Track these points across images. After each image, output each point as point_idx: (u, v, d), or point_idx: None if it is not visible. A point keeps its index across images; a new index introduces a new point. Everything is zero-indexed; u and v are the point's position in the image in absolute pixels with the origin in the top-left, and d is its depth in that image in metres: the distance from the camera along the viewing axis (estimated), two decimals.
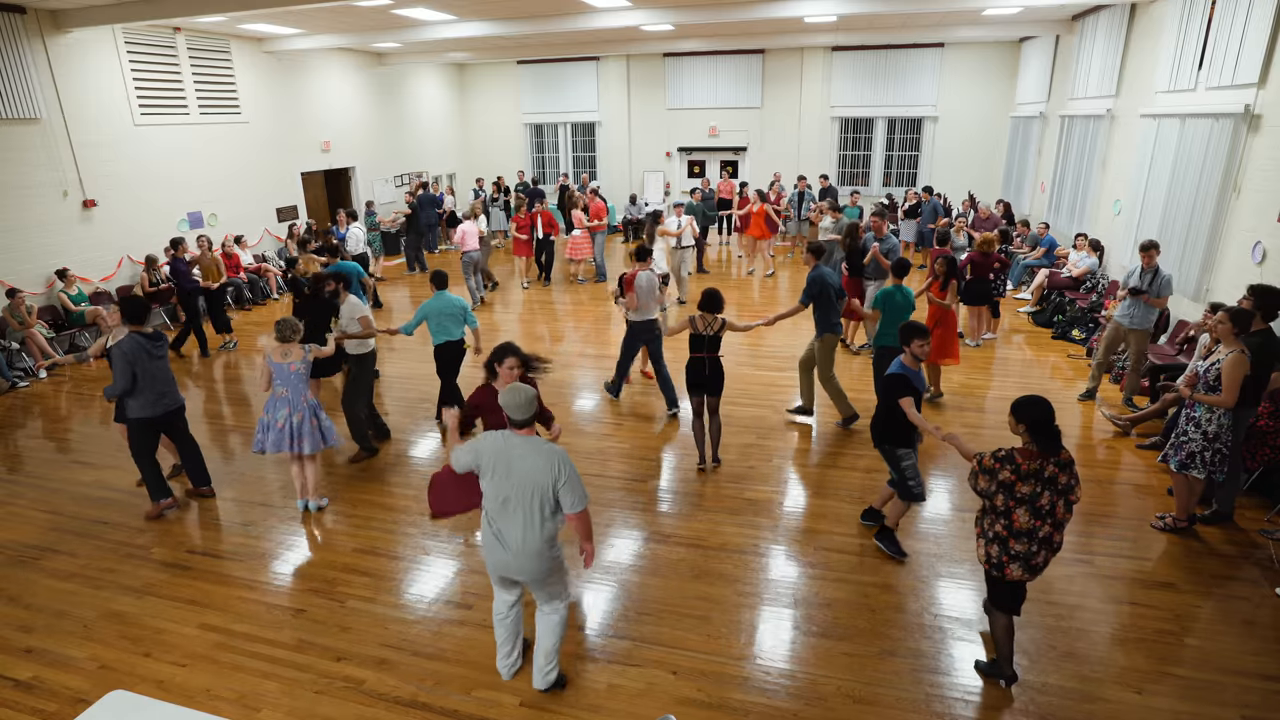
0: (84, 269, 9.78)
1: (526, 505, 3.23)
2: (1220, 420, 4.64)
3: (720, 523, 5.17)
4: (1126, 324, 6.75)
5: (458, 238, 11.29)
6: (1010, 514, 3.32)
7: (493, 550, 3.36)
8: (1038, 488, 3.27)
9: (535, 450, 3.23)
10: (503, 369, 4.12)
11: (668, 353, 7.29)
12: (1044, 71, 13.27)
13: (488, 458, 3.27)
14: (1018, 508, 3.30)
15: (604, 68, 17.86)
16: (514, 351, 4.15)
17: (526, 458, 3.21)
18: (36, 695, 3.72)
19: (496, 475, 3.26)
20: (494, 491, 3.28)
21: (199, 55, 11.40)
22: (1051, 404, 3.28)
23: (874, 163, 17.11)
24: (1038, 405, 3.25)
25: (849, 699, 3.58)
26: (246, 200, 12.54)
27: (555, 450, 3.26)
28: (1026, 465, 3.25)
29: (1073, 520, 5.08)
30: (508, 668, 3.73)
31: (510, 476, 3.23)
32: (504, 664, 3.73)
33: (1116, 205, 9.96)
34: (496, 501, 3.29)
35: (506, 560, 3.33)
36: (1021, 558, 3.34)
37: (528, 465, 3.20)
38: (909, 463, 4.53)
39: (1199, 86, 7.86)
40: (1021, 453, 3.28)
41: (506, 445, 3.26)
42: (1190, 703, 3.52)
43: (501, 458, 3.25)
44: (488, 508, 3.34)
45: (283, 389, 5.17)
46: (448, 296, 6.40)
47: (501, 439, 3.29)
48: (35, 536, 5.22)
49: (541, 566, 3.33)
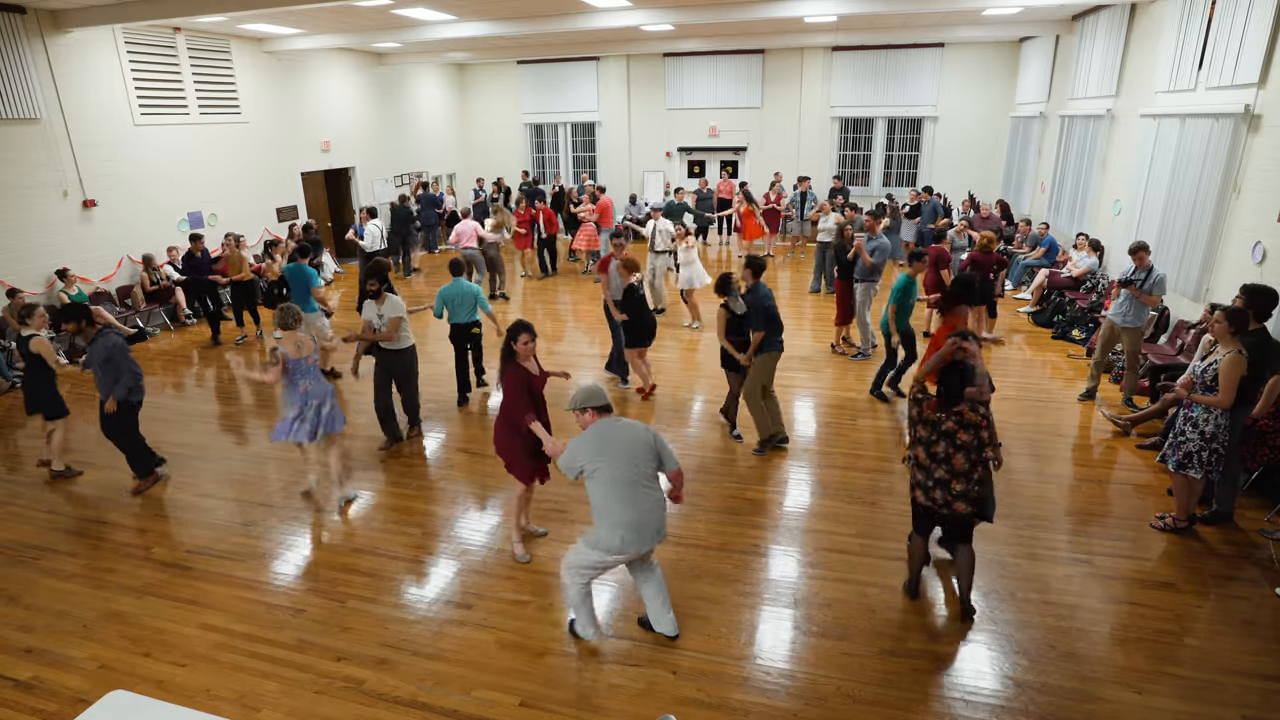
0: (84, 269, 9.77)
1: (647, 475, 3.55)
2: (1218, 420, 4.64)
3: (720, 523, 5.17)
4: (1119, 323, 6.76)
5: (453, 237, 11.30)
6: (915, 446, 3.92)
7: (629, 536, 3.54)
8: (932, 435, 3.82)
9: (622, 423, 3.62)
10: (519, 345, 4.36)
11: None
12: (1044, 71, 13.27)
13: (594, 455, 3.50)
14: (916, 445, 3.92)
15: (604, 68, 17.86)
16: (525, 328, 4.39)
17: (627, 435, 3.55)
18: (36, 695, 3.72)
19: (611, 462, 3.48)
20: (614, 477, 3.48)
21: (199, 55, 11.40)
22: (967, 373, 3.83)
23: (874, 163, 17.11)
24: (953, 371, 3.81)
25: (849, 699, 3.58)
26: (246, 200, 12.54)
27: (639, 424, 3.65)
28: (927, 413, 3.84)
29: (1072, 520, 5.11)
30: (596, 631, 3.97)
31: (627, 456, 3.51)
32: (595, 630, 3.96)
33: (1116, 205, 9.96)
34: (623, 486, 3.49)
35: (645, 539, 3.57)
36: (921, 486, 3.93)
37: (631, 438, 3.54)
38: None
39: (1199, 86, 7.86)
40: (927, 402, 3.86)
41: (608, 433, 3.55)
42: (1190, 703, 3.52)
43: (612, 446, 3.48)
44: (614, 496, 3.50)
45: (305, 382, 5.28)
46: (462, 283, 7.08)
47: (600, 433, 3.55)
48: (35, 536, 5.22)
49: (665, 526, 3.68)
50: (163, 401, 7.86)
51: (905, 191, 15.92)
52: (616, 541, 3.54)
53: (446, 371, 8.50)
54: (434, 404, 7.49)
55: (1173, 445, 4.88)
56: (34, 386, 5.98)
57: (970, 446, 3.75)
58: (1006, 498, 5.41)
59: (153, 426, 7.05)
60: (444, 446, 6.55)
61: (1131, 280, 6.58)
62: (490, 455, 6.27)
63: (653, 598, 3.94)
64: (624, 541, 3.54)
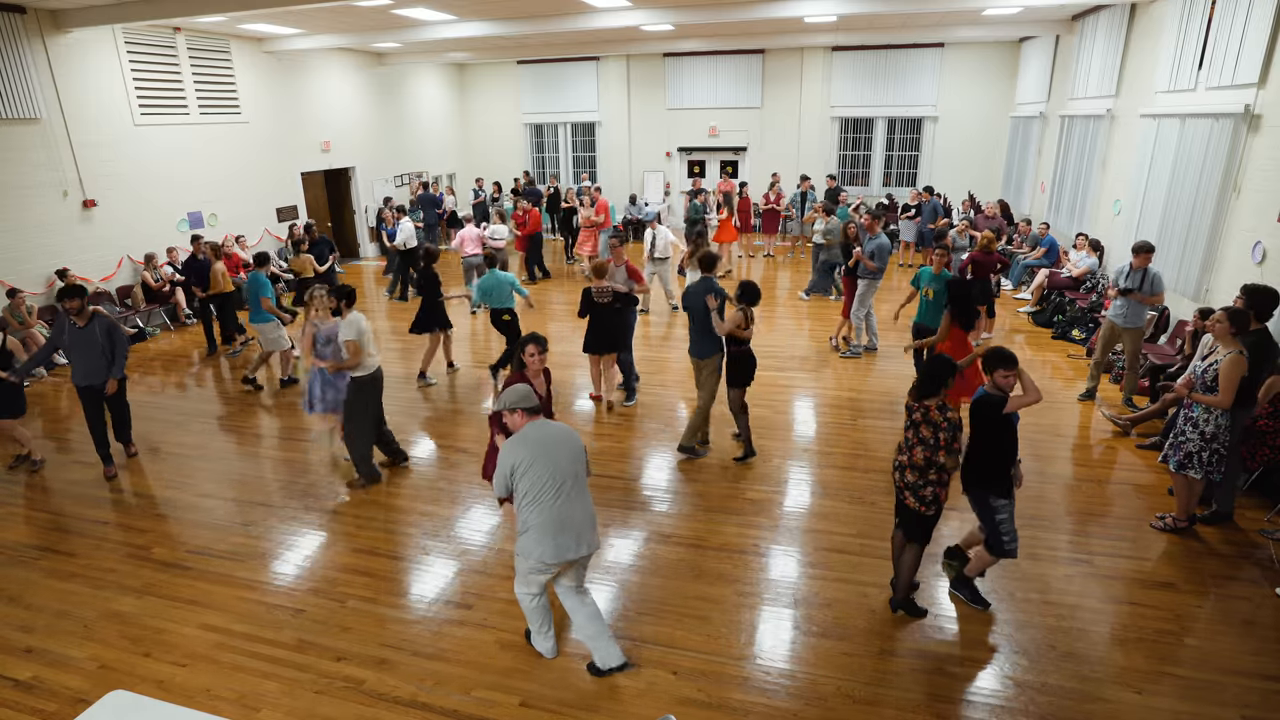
0: (84, 269, 9.77)
1: (574, 479, 3.49)
2: (1218, 420, 4.64)
3: (720, 523, 5.17)
4: (1120, 323, 6.76)
5: (455, 242, 11.28)
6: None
7: (561, 540, 3.47)
8: (906, 421, 3.97)
9: (551, 427, 3.54)
10: (525, 357, 4.35)
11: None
12: (1044, 71, 13.27)
13: (523, 457, 3.41)
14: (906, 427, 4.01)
15: (604, 68, 17.86)
16: (534, 339, 4.39)
17: (555, 438, 3.48)
18: (36, 695, 3.72)
19: (539, 465, 3.40)
20: (544, 480, 3.41)
21: (199, 55, 11.40)
22: (945, 368, 3.80)
23: (874, 163, 17.11)
24: (935, 362, 3.86)
25: (849, 699, 3.58)
26: (246, 200, 12.54)
27: (568, 429, 3.60)
28: (909, 399, 3.94)
29: (1072, 520, 5.12)
30: (553, 646, 3.88)
31: (557, 459, 3.44)
32: (550, 645, 3.87)
33: (1116, 205, 9.96)
34: (552, 490, 3.42)
35: (575, 543, 3.51)
36: (897, 467, 4.04)
37: (558, 441, 3.48)
38: (1005, 515, 3.94)
39: (1199, 86, 7.86)
40: (911, 389, 3.94)
41: (538, 436, 3.45)
42: (1190, 703, 3.52)
43: (540, 448, 3.42)
44: (543, 501, 3.42)
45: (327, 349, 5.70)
46: (498, 274, 7.64)
47: (527, 435, 3.46)
48: (35, 536, 5.22)
49: (597, 533, 3.63)
50: (163, 401, 7.86)
51: (906, 191, 15.92)
52: (549, 547, 3.45)
53: (450, 372, 8.52)
54: (436, 403, 7.49)
55: (1173, 445, 4.88)
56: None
57: (927, 443, 3.79)
58: None
59: (153, 426, 7.08)
60: (444, 446, 6.55)
61: (1132, 290, 6.57)
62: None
63: (588, 629, 3.72)
64: (557, 546, 3.45)
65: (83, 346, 5.76)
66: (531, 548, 3.48)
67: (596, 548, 3.65)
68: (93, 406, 5.94)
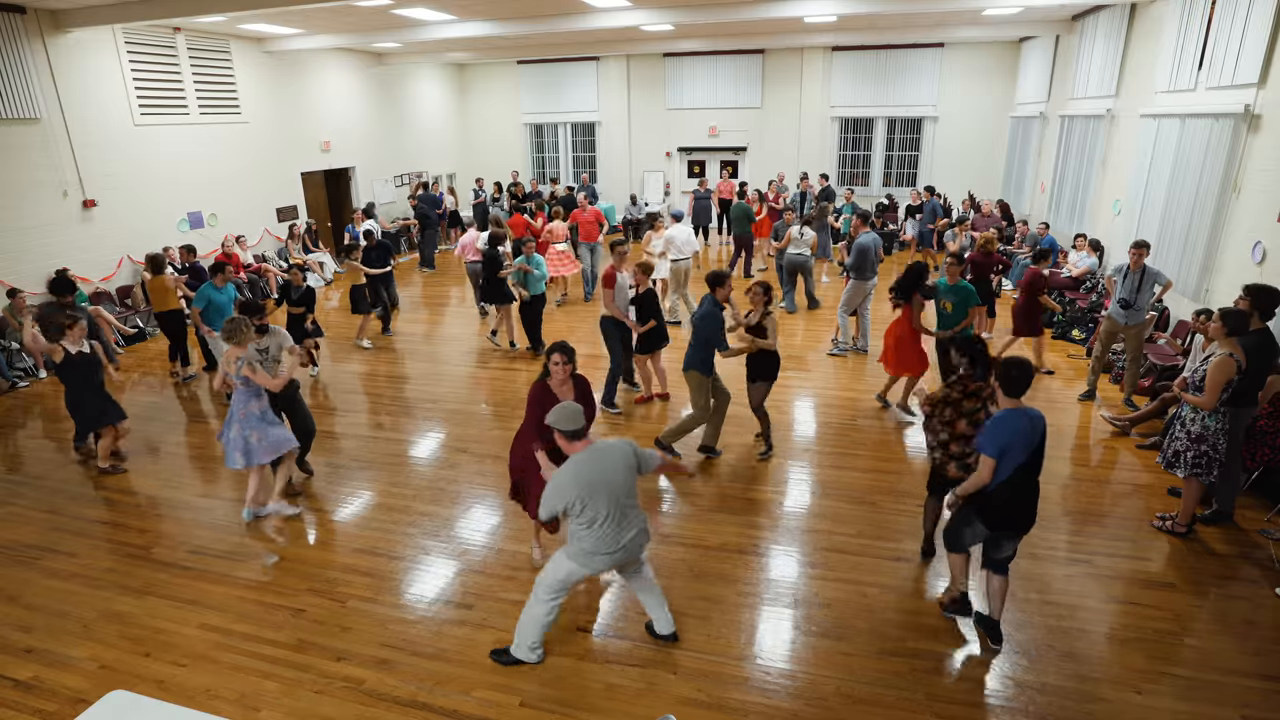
0: (84, 269, 9.77)
1: (624, 501, 3.47)
2: (1205, 422, 4.63)
3: (720, 523, 5.17)
4: (1121, 320, 6.75)
5: (458, 249, 11.19)
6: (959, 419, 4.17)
7: (615, 556, 3.53)
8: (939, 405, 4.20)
9: (604, 454, 3.43)
10: (550, 365, 4.28)
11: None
12: (1044, 71, 13.27)
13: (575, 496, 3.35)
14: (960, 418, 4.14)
15: (604, 68, 17.85)
16: (559, 348, 4.28)
17: (604, 464, 3.40)
18: (36, 695, 3.72)
19: (596, 499, 3.38)
20: (600, 512, 3.40)
21: (199, 55, 11.39)
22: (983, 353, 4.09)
23: (874, 163, 17.11)
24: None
25: (849, 699, 3.58)
26: (246, 200, 12.53)
27: (617, 443, 3.52)
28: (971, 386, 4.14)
29: (1072, 520, 5.12)
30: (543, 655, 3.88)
31: (613, 489, 3.41)
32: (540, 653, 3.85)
33: (1116, 205, 9.96)
34: (607, 520, 3.42)
35: (621, 556, 3.56)
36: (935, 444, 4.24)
37: (608, 468, 3.40)
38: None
39: (1199, 86, 7.86)
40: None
41: (591, 469, 3.38)
42: (1190, 703, 3.52)
43: (594, 481, 3.37)
44: (597, 529, 3.42)
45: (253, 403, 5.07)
46: (537, 258, 8.48)
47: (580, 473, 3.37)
48: (35, 536, 5.22)
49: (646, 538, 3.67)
50: (163, 402, 7.86)
51: (906, 191, 15.92)
52: (603, 563, 3.53)
53: (448, 373, 8.52)
54: (436, 403, 7.50)
55: (1167, 443, 4.90)
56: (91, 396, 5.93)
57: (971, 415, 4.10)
58: None
59: (154, 427, 7.08)
60: (444, 446, 6.55)
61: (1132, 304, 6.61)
62: (490, 455, 6.28)
63: (647, 598, 3.90)
64: (610, 560, 3.53)
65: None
66: (584, 562, 3.53)
67: (649, 542, 3.76)
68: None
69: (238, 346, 4.98)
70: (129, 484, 5.97)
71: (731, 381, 6.22)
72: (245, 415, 5.02)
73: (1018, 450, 3.52)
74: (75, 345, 5.77)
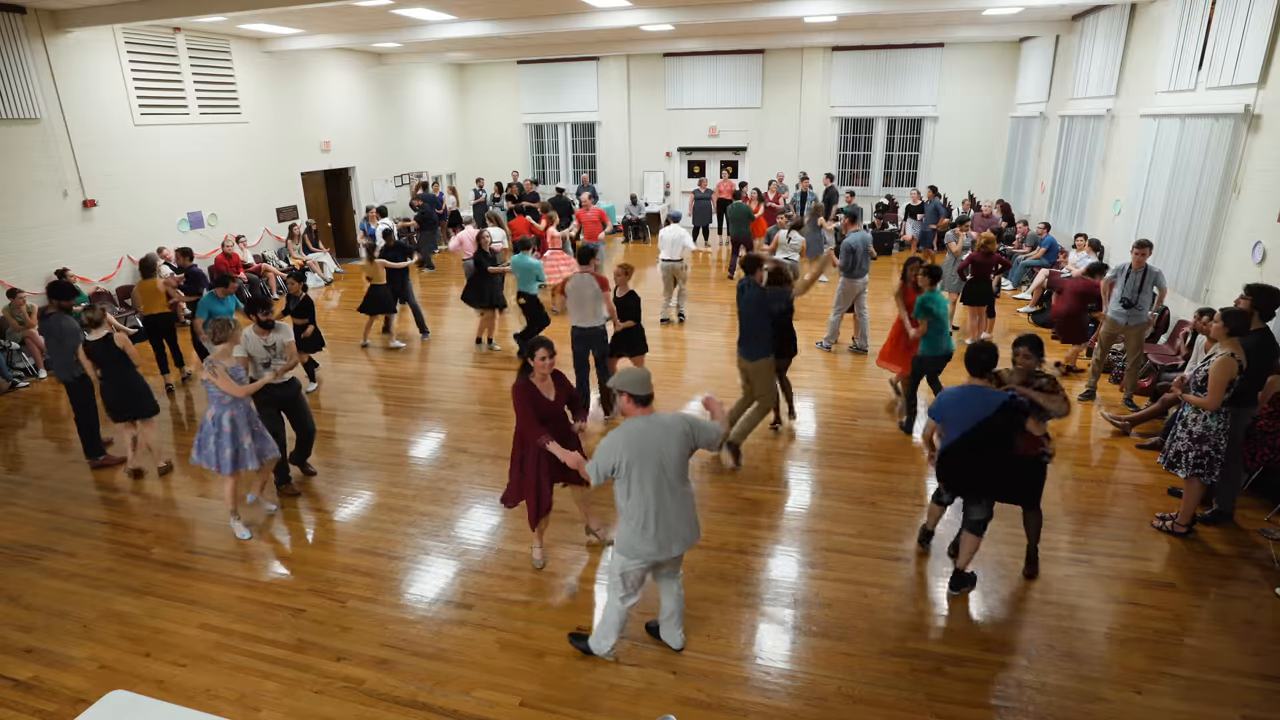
0: (84, 269, 9.77)
1: (673, 480, 3.41)
2: (1206, 422, 4.63)
3: (720, 523, 5.17)
4: (1122, 321, 6.75)
5: (454, 244, 11.21)
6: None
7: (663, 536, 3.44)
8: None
9: (660, 423, 3.41)
10: (535, 361, 4.26)
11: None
12: (1044, 71, 13.27)
13: (624, 458, 3.35)
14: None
15: (604, 68, 17.86)
16: (543, 344, 4.30)
17: (662, 434, 3.37)
18: (36, 695, 3.72)
19: (642, 463, 3.35)
20: (646, 478, 3.37)
21: (199, 55, 11.39)
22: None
23: (874, 163, 17.11)
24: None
25: (849, 699, 3.58)
26: (246, 200, 12.53)
27: (673, 416, 3.47)
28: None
29: (1072, 520, 5.12)
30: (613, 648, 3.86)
31: (662, 454, 3.36)
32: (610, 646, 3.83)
33: (1116, 205, 9.96)
34: (654, 488, 3.38)
35: (677, 540, 3.48)
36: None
37: (666, 438, 3.37)
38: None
39: (1199, 86, 7.86)
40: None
41: (642, 432, 3.37)
42: (1190, 703, 3.52)
43: (644, 445, 3.35)
44: (647, 499, 3.39)
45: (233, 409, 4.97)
46: (525, 259, 8.22)
47: (630, 433, 3.37)
48: (35, 536, 5.22)
49: (697, 528, 3.59)
50: (161, 402, 7.85)
51: (906, 191, 15.92)
52: (650, 546, 3.44)
53: (447, 373, 8.53)
54: (437, 403, 7.50)
55: (1168, 443, 4.90)
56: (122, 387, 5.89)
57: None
58: None
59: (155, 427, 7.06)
60: (444, 446, 6.55)
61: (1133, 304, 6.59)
62: (490, 455, 6.28)
63: (668, 607, 3.84)
64: (659, 543, 3.44)
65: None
66: (635, 542, 3.46)
67: (699, 538, 3.65)
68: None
69: (229, 344, 4.90)
70: (129, 484, 5.97)
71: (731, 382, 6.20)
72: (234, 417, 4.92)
73: (963, 421, 4.00)
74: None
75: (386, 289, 9.26)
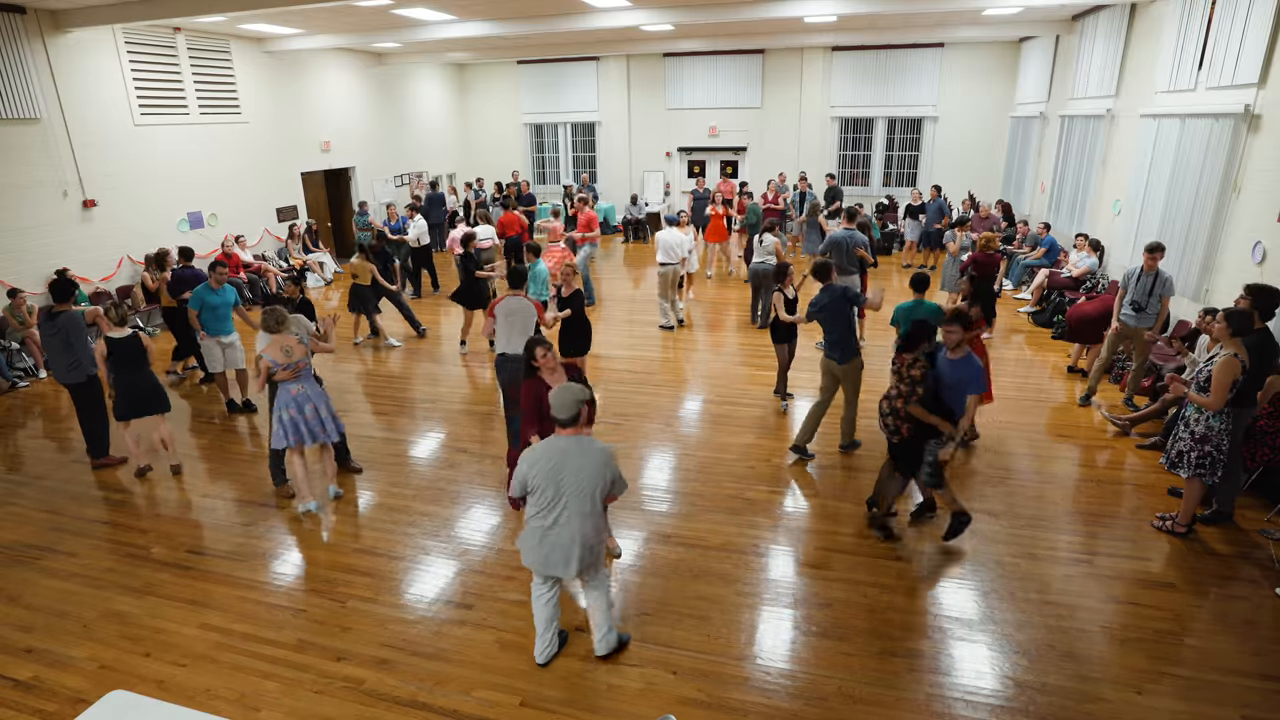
0: (84, 269, 9.77)
1: (579, 500, 3.39)
2: (1209, 422, 4.63)
3: (720, 523, 5.17)
4: (1131, 323, 6.73)
5: (449, 242, 11.22)
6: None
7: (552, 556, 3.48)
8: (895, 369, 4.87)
9: (584, 450, 3.40)
10: (537, 360, 4.29)
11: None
12: (1044, 71, 13.27)
13: (538, 472, 3.38)
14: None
15: (604, 68, 17.86)
16: (539, 342, 4.32)
17: (578, 459, 3.37)
18: (36, 695, 3.72)
19: (548, 480, 3.38)
20: (547, 497, 3.40)
21: (199, 55, 11.40)
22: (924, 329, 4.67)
23: (874, 163, 17.11)
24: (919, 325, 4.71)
25: (849, 699, 3.58)
26: (246, 200, 12.54)
27: (604, 449, 3.46)
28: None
29: (1072, 520, 5.12)
30: (543, 651, 3.81)
31: (564, 481, 3.38)
32: (541, 649, 3.81)
33: (1116, 205, 9.96)
34: (550, 508, 3.41)
35: (562, 563, 3.47)
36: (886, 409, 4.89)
37: (580, 465, 3.37)
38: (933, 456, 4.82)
39: (1199, 86, 7.86)
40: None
41: (557, 453, 3.38)
42: (1190, 703, 3.52)
43: (554, 463, 3.37)
44: (539, 509, 3.43)
45: (297, 386, 5.21)
46: (539, 265, 8.09)
47: (546, 449, 3.40)
48: (35, 536, 5.22)
49: (595, 556, 3.57)
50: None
51: (906, 191, 15.92)
52: (538, 558, 3.51)
53: (447, 373, 8.52)
54: (432, 403, 7.50)
55: (1170, 443, 4.90)
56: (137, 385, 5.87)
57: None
58: (1007, 497, 5.42)
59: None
60: (444, 446, 6.55)
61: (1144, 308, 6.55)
62: (490, 455, 6.28)
63: (592, 613, 3.82)
64: (546, 562, 3.49)
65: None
66: (526, 550, 3.57)
67: (592, 571, 3.64)
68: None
69: (284, 335, 5.18)
70: (130, 484, 5.97)
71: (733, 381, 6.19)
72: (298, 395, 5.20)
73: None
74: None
75: (368, 289, 9.31)
